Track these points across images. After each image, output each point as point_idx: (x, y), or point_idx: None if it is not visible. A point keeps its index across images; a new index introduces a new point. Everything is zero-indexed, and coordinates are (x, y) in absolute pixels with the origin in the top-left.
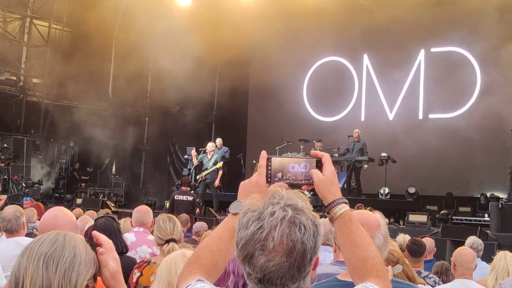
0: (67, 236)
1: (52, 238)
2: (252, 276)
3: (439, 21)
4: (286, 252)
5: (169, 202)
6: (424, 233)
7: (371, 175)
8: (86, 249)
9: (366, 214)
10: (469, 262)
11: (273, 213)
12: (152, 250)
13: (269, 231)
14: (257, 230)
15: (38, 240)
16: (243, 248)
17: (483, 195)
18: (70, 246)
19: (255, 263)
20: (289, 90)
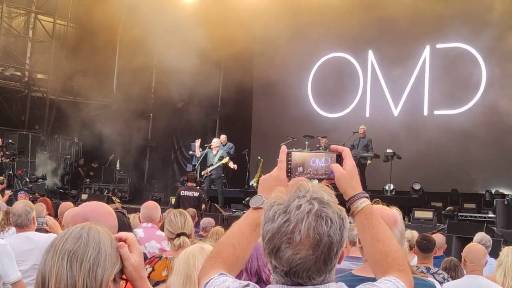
0: (91, 230)
1: (76, 234)
2: (279, 269)
3: (444, 17)
4: (313, 245)
5: (175, 198)
6: (430, 230)
7: (376, 172)
8: (111, 243)
9: (383, 209)
10: (479, 259)
11: (299, 206)
12: (161, 246)
13: (295, 224)
14: (284, 223)
15: (62, 236)
16: (270, 241)
17: (488, 191)
18: (94, 242)
19: (282, 256)
20: (293, 86)
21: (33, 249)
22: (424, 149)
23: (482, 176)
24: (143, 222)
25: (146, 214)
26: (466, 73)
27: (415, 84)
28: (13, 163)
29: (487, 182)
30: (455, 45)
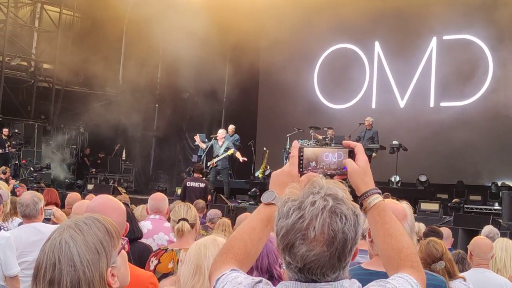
0: (62, 248)
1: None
2: (292, 265)
3: (451, 9)
4: (327, 241)
5: (181, 189)
6: (436, 222)
7: (382, 163)
8: (87, 242)
9: (393, 203)
10: (486, 253)
11: (313, 202)
12: (169, 237)
13: (310, 221)
14: (298, 220)
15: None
16: (284, 238)
17: (494, 183)
18: (66, 263)
19: (296, 252)
20: (300, 77)
21: (40, 240)
22: (430, 140)
23: (488, 168)
24: (150, 214)
25: (153, 205)
26: (473, 64)
27: (422, 75)
28: (19, 153)
29: (493, 174)
30: (462, 36)
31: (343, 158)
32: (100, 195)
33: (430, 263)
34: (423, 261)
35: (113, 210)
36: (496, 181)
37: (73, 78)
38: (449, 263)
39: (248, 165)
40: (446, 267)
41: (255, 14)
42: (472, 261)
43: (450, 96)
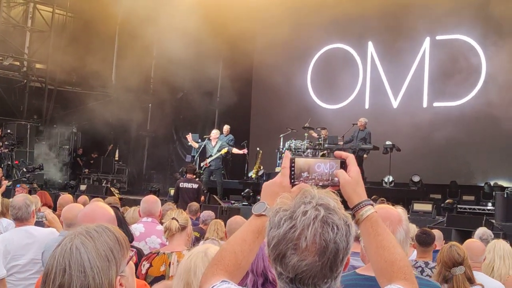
0: (73, 254)
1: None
2: (284, 276)
3: (444, 9)
4: (319, 251)
5: (175, 190)
6: (429, 222)
7: (375, 163)
8: (98, 249)
9: (388, 208)
10: (478, 255)
11: (305, 212)
12: (161, 240)
13: (301, 231)
14: (290, 230)
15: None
16: (275, 248)
17: (487, 184)
18: (77, 269)
19: (287, 262)
20: (293, 77)
21: (32, 243)
22: (423, 141)
23: (481, 168)
24: (143, 216)
25: (146, 208)
26: (466, 65)
27: (415, 75)
28: (12, 153)
29: (486, 174)
30: (455, 36)
31: (335, 169)
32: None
33: (450, 267)
34: (443, 264)
35: (102, 217)
36: (489, 181)
37: (66, 78)
38: (469, 269)
39: (241, 165)
40: (465, 272)
41: (248, 14)
42: None
43: (443, 96)
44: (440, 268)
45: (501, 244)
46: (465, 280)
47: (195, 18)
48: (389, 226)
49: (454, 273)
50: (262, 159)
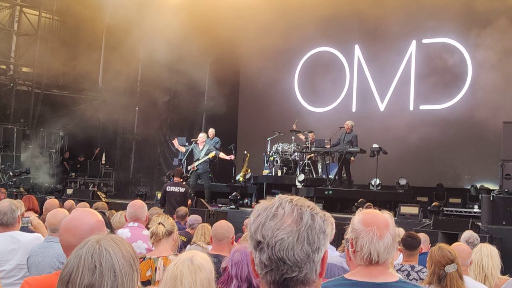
0: (103, 255)
1: (89, 264)
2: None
3: (431, 12)
4: (296, 220)
5: (161, 194)
6: (415, 225)
7: (362, 166)
8: (124, 255)
9: (375, 213)
10: (464, 259)
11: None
12: (147, 245)
13: (279, 204)
14: (270, 209)
15: (77, 268)
16: (255, 221)
17: (473, 186)
18: (109, 268)
19: (267, 228)
20: (280, 81)
21: (17, 248)
22: (410, 144)
23: (468, 171)
24: (129, 221)
25: (132, 213)
26: (452, 68)
27: (401, 79)
28: None
29: (472, 177)
30: (441, 40)
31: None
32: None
33: (444, 265)
34: (436, 264)
35: (84, 224)
36: (475, 184)
37: (53, 81)
38: (460, 268)
39: (228, 169)
40: (458, 270)
41: (235, 18)
42: None
43: (429, 99)
44: (434, 268)
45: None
46: (458, 277)
47: (181, 22)
48: (376, 231)
49: (448, 270)
50: (249, 162)
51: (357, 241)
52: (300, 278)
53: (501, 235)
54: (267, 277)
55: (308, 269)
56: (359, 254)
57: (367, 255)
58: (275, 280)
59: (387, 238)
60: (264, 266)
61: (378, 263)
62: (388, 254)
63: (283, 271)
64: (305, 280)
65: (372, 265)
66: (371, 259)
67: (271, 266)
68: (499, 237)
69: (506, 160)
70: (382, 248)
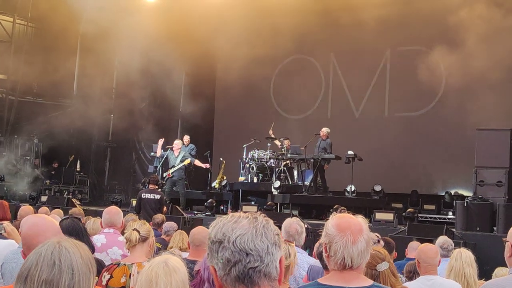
0: (62, 253)
1: (49, 260)
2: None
3: (405, 20)
4: (251, 221)
5: (136, 201)
6: (390, 232)
7: (337, 173)
8: (83, 257)
9: (349, 218)
10: (432, 258)
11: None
12: (123, 252)
13: (233, 215)
14: (225, 217)
15: (36, 264)
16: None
17: (447, 193)
18: (67, 266)
19: (227, 228)
20: (256, 88)
21: None
22: (385, 150)
23: (442, 178)
24: (105, 227)
25: (108, 219)
26: (426, 75)
27: (376, 86)
28: None
29: (446, 183)
30: (415, 47)
31: None
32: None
33: (375, 265)
34: (367, 265)
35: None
36: (449, 190)
37: (27, 88)
38: (392, 266)
39: (204, 176)
40: (390, 269)
41: (212, 25)
42: (420, 268)
43: (404, 106)
44: (366, 270)
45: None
46: (391, 274)
47: (157, 29)
48: (350, 236)
49: (379, 269)
50: (225, 169)
51: (330, 245)
52: (263, 270)
53: (475, 241)
54: (231, 274)
55: (269, 260)
56: (332, 259)
57: (340, 260)
58: (239, 274)
59: (360, 243)
60: (227, 262)
61: (352, 268)
62: (362, 259)
63: (247, 261)
64: (268, 273)
65: (346, 270)
66: (345, 264)
67: (234, 259)
68: (473, 243)
69: (479, 166)
70: (355, 253)
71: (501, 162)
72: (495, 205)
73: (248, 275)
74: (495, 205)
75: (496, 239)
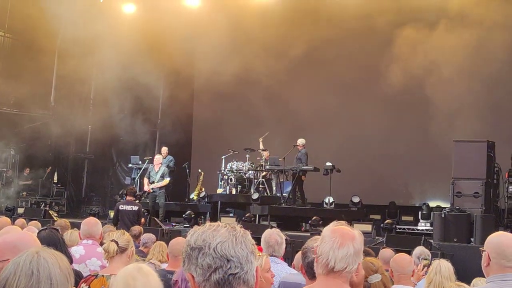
0: (40, 263)
1: (27, 270)
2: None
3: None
4: (229, 230)
5: (114, 212)
6: (369, 243)
7: (315, 184)
8: (61, 267)
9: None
10: (404, 267)
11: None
12: (102, 263)
13: (211, 224)
14: (203, 226)
15: (14, 273)
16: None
17: (425, 204)
18: (45, 276)
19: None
20: (234, 98)
21: None
22: (363, 162)
23: (419, 189)
24: (83, 239)
25: (86, 230)
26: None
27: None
28: None
29: (424, 195)
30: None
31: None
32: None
33: (367, 276)
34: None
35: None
36: (427, 202)
37: (3, 99)
38: (385, 278)
39: (183, 187)
40: (382, 281)
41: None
42: (394, 278)
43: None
44: None
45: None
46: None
47: (135, 40)
48: (339, 239)
49: (371, 281)
50: (203, 181)
51: (319, 246)
52: (242, 276)
53: (452, 251)
54: (211, 280)
55: (248, 268)
56: (319, 261)
57: (325, 260)
58: (219, 280)
59: (347, 248)
60: (208, 268)
61: (335, 272)
62: (346, 264)
63: (227, 267)
64: (246, 280)
65: (330, 276)
66: (328, 264)
67: (215, 265)
68: (450, 254)
69: (457, 178)
70: (340, 256)
71: (478, 173)
72: (472, 216)
73: (228, 281)
74: (472, 216)
75: (473, 250)
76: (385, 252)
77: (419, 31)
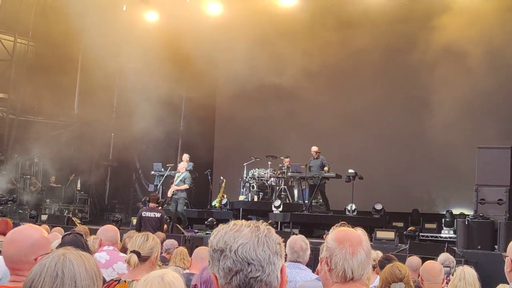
0: (66, 264)
1: (52, 272)
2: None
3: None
4: (253, 230)
5: (137, 219)
6: (391, 250)
7: (338, 192)
8: (87, 269)
9: (348, 230)
10: (435, 276)
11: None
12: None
13: (235, 223)
14: (227, 226)
15: (39, 275)
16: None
17: (448, 211)
18: (70, 278)
19: (229, 236)
20: (256, 106)
21: None
22: (386, 169)
23: (442, 196)
24: (104, 245)
25: (107, 237)
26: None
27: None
28: None
29: (447, 202)
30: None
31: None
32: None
33: (390, 283)
34: (384, 281)
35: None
36: (450, 209)
37: (28, 107)
38: (409, 287)
39: (205, 194)
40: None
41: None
42: (423, 286)
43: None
44: (380, 285)
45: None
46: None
47: (158, 48)
48: (349, 248)
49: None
50: (225, 188)
51: (331, 259)
52: (264, 279)
53: (476, 259)
54: (232, 283)
55: (270, 270)
56: (334, 272)
57: (341, 272)
58: (240, 284)
59: (360, 254)
60: (229, 271)
61: (354, 280)
62: (363, 270)
63: (248, 271)
64: (269, 282)
65: (348, 282)
66: (346, 276)
67: (236, 269)
68: (474, 261)
69: (480, 185)
70: (355, 265)
71: (501, 180)
72: (496, 223)
73: (249, 284)
74: (496, 223)
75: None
76: (412, 259)
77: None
